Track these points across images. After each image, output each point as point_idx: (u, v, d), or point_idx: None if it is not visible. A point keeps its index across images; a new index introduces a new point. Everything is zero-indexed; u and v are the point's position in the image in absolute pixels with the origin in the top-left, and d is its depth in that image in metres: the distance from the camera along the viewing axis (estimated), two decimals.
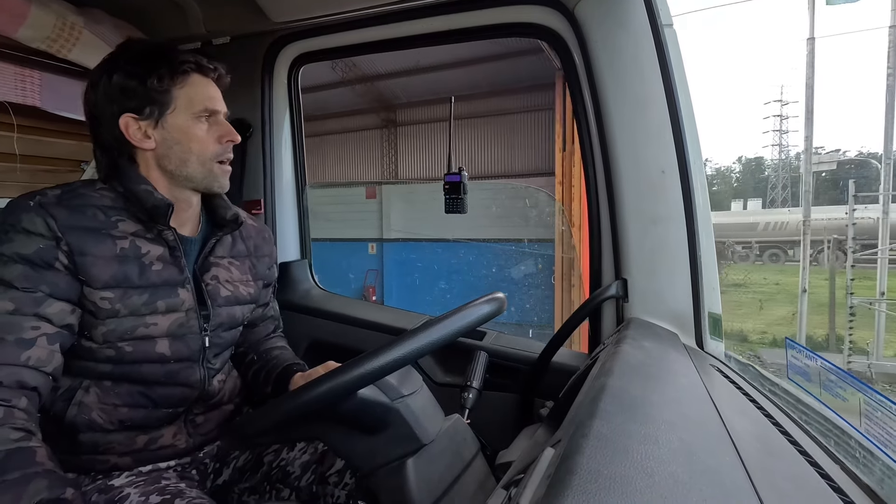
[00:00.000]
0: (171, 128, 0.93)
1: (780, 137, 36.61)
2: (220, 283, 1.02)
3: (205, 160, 0.95)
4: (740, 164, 50.22)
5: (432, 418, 0.83)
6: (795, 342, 1.09)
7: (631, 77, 1.11)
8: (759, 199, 24.54)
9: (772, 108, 36.95)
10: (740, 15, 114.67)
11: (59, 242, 0.83)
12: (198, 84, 0.95)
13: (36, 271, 0.81)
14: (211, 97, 0.96)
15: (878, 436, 0.87)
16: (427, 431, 0.79)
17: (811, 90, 8.90)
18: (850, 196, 7.25)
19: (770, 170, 38.73)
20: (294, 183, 1.69)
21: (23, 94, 1.31)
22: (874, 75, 62.38)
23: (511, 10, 1.28)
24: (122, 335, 0.89)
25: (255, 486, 1.06)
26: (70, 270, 0.84)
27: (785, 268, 15.82)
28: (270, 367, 1.11)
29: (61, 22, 1.27)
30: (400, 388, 0.78)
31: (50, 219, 0.83)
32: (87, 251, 0.85)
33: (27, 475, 0.69)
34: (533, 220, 7.06)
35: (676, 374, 0.79)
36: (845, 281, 7.21)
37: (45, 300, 0.81)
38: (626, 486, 0.39)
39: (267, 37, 1.52)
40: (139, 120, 0.91)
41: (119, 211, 0.91)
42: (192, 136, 0.93)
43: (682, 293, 1.11)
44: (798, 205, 21.06)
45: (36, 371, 0.79)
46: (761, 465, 0.50)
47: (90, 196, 0.89)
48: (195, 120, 0.94)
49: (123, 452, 0.92)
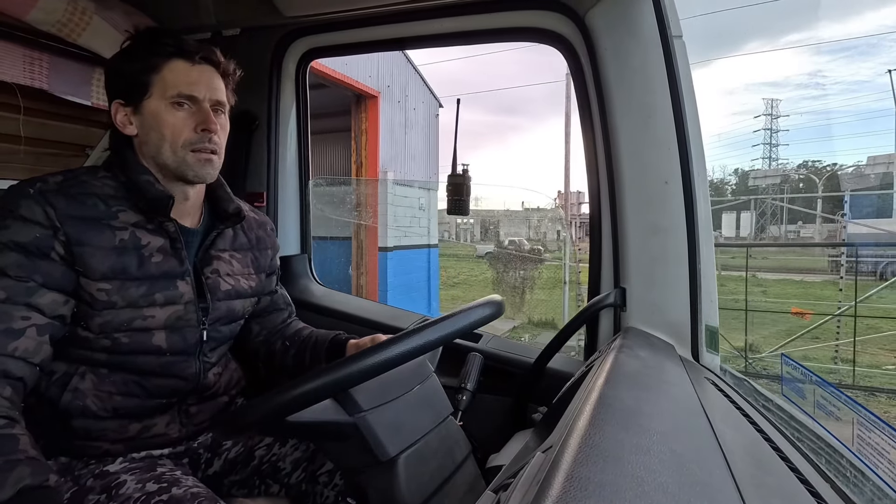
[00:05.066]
0: (147, 114, 0.91)
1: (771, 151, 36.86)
2: (221, 276, 1.01)
3: (177, 148, 0.91)
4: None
5: (401, 432, 0.80)
6: (791, 359, 1.09)
7: (639, 86, 1.11)
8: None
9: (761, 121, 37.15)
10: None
11: (56, 232, 0.82)
12: (177, 69, 0.91)
13: (30, 260, 0.80)
14: (190, 82, 0.91)
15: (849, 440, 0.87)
16: (385, 449, 0.76)
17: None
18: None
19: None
20: (297, 177, 1.69)
21: (31, 77, 1.31)
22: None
23: (522, 15, 1.28)
24: (119, 326, 0.88)
25: (245, 480, 1.06)
26: (66, 261, 0.83)
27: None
28: (313, 344, 1.10)
29: (72, 6, 1.27)
30: (361, 403, 0.76)
31: (49, 207, 0.82)
32: (86, 241, 0.84)
33: (10, 462, 0.69)
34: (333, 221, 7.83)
35: (671, 385, 0.79)
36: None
37: (38, 290, 0.80)
38: (615, 495, 0.39)
39: (277, 30, 1.52)
40: (124, 106, 0.92)
41: (120, 201, 0.90)
42: (164, 122, 0.90)
43: (680, 304, 1.11)
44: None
45: (23, 362, 0.78)
46: (751, 480, 0.50)
47: (92, 184, 0.89)
48: (170, 106, 0.90)
49: (116, 439, 0.92)
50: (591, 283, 1.29)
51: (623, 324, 1.19)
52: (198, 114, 0.92)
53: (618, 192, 1.16)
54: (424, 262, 9.60)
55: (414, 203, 9.35)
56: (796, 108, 71.70)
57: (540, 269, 11.75)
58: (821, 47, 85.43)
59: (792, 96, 79.29)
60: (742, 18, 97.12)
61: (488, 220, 22.09)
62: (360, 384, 0.66)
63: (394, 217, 8.65)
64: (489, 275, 13.04)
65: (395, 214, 8.73)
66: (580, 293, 8.54)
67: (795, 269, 14.42)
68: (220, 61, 0.96)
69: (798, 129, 66.50)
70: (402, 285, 8.42)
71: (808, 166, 34.82)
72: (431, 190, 9.87)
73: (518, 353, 1.38)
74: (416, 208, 9.37)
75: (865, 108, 61.19)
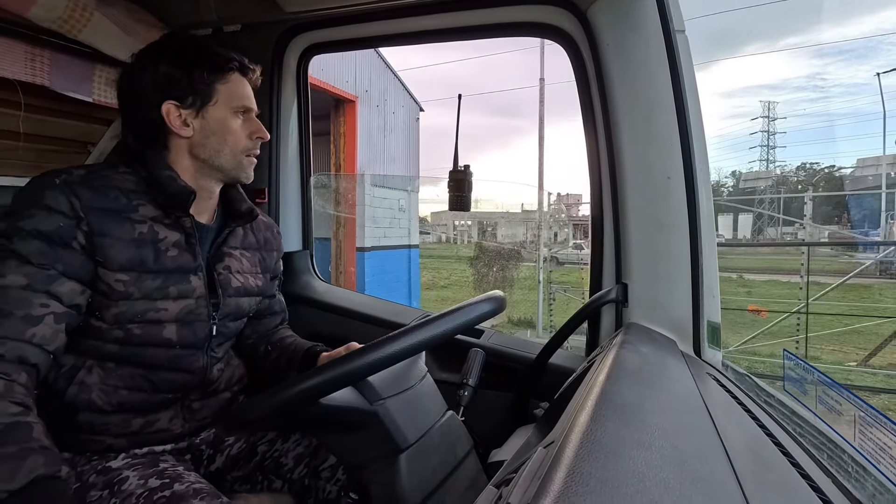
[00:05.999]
0: (210, 119, 0.96)
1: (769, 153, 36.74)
2: (232, 273, 1.04)
3: (236, 152, 1.00)
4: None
5: (417, 420, 0.82)
6: (793, 354, 1.09)
7: (641, 81, 1.10)
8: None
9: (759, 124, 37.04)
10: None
11: (79, 222, 0.84)
12: (238, 82, 0.99)
13: (53, 249, 0.82)
14: (248, 96, 1.01)
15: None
16: (405, 436, 0.78)
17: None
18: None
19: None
20: (299, 173, 1.69)
21: (32, 73, 1.31)
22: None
23: (523, 10, 1.27)
24: (133, 317, 0.90)
25: (247, 476, 1.07)
26: (87, 251, 0.85)
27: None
28: (290, 353, 1.13)
29: (73, 3, 1.26)
30: (380, 391, 0.77)
31: (74, 198, 0.84)
32: (107, 232, 0.86)
33: (24, 450, 0.69)
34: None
35: (672, 380, 0.79)
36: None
37: (58, 278, 0.82)
38: (616, 490, 0.39)
39: (278, 26, 1.52)
40: (181, 108, 0.94)
41: (140, 195, 0.92)
42: (228, 128, 0.98)
43: (681, 300, 1.10)
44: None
45: (39, 349, 0.79)
46: (753, 476, 0.50)
47: (113, 178, 0.91)
48: (233, 115, 0.99)
49: (119, 434, 0.93)
50: (592, 279, 1.29)
51: (625, 319, 1.18)
52: (251, 123, 1.02)
53: (620, 187, 1.16)
54: (404, 262, 9.93)
55: (394, 204, 9.65)
56: (794, 110, 71.74)
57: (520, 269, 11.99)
58: (819, 50, 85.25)
59: (791, 98, 79.37)
60: (743, 22, 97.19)
61: (486, 221, 22.14)
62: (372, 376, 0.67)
63: (373, 218, 8.98)
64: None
65: (375, 216, 9.06)
66: (552, 292, 9.24)
67: (785, 271, 14.59)
68: (259, 76, 1.06)
69: (796, 132, 66.40)
70: (380, 284, 8.74)
71: (806, 168, 34.86)
72: (412, 192, 10.08)
73: (520, 348, 1.38)
74: (395, 209, 9.66)
75: (863, 110, 61.05)
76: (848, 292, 8.86)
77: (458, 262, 18.94)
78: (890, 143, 9.31)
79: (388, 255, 9.23)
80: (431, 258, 21.24)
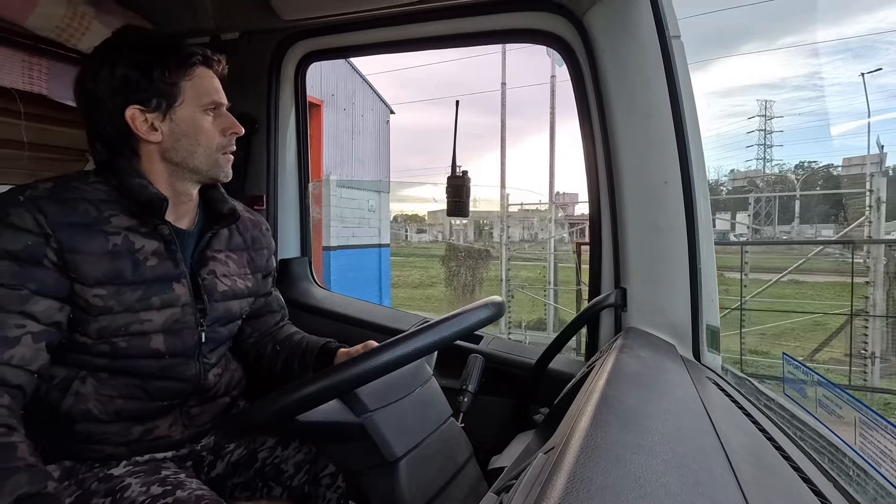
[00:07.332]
0: (179, 120, 0.92)
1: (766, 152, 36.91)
2: (217, 277, 1.01)
3: (211, 152, 0.95)
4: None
5: (412, 430, 0.81)
6: (792, 357, 1.09)
7: (637, 86, 1.11)
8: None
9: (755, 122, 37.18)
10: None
11: (48, 239, 0.81)
12: (203, 76, 0.95)
13: (23, 268, 0.80)
14: (216, 89, 0.96)
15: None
16: (392, 449, 0.77)
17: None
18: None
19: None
20: (297, 180, 1.69)
21: (30, 82, 1.31)
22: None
23: (520, 17, 1.28)
24: (116, 331, 0.88)
25: (247, 482, 1.06)
26: (59, 267, 0.82)
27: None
28: (303, 351, 1.10)
29: (71, 11, 1.27)
30: (367, 403, 0.76)
31: (39, 214, 0.81)
32: (78, 248, 0.83)
33: (8, 469, 0.69)
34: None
35: (672, 385, 0.78)
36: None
37: (31, 298, 0.80)
38: (617, 496, 0.39)
39: (276, 34, 1.52)
40: (146, 112, 0.90)
41: (112, 205, 0.89)
42: (199, 128, 0.94)
43: (680, 304, 1.11)
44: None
45: (20, 369, 0.78)
46: (754, 480, 0.50)
47: (83, 190, 0.88)
48: (202, 112, 0.94)
49: (119, 443, 0.92)
50: (591, 283, 1.29)
51: (624, 324, 1.18)
52: (222, 118, 0.97)
53: (617, 192, 1.16)
54: (374, 261, 10.03)
55: (363, 205, 9.79)
56: (793, 109, 72.00)
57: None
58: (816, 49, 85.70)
59: (789, 97, 79.63)
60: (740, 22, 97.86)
61: (482, 221, 22.18)
62: (362, 387, 0.67)
63: (340, 218, 9.12)
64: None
65: (343, 216, 9.20)
66: (510, 289, 9.43)
67: (774, 270, 14.70)
68: (225, 66, 1.00)
69: (794, 130, 66.68)
70: (348, 281, 8.91)
71: (805, 167, 35.03)
72: (382, 192, 10.17)
73: (519, 354, 1.38)
74: (364, 210, 9.76)
75: (861, 108, 61.49)
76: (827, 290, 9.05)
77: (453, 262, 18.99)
78: (874, 142, 9.38)
79: (356, 254, 9.35)
80: (424, 257, 21.27)
